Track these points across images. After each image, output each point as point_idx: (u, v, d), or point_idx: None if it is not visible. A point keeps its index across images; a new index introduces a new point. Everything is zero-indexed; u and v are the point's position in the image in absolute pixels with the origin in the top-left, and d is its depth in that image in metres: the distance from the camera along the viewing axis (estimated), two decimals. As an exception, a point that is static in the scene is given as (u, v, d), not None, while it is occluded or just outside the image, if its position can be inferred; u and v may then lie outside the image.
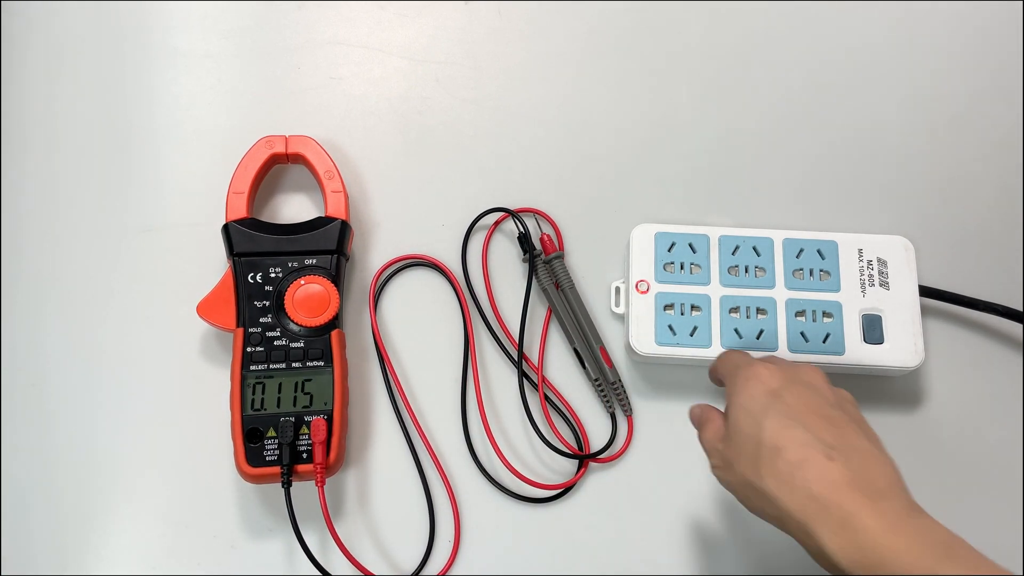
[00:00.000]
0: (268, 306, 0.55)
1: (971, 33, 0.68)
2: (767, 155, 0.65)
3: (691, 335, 0.56)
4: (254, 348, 0.54)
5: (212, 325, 0.56)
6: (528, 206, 0.62)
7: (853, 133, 0.66)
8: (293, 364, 0.54)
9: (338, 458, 0.53)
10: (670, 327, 0.57)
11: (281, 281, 0.56)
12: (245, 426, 0.53)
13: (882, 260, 0.58)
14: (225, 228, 0.57)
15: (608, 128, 0.66)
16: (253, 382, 0.54)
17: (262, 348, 0.54)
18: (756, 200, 0.63)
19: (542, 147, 0.65)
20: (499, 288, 0.61)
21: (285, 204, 0.62)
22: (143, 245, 0.61)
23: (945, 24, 0.69)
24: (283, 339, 0.55)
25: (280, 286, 0.56)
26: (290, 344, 0.55)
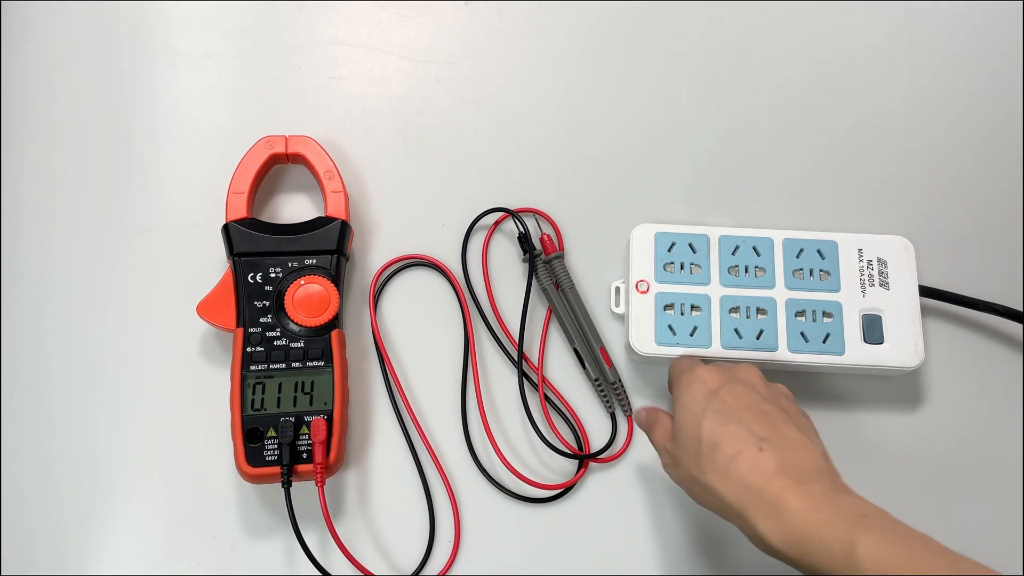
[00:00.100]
0: (268, 306, 0.55)
1: (971, 33, 0.68)
2: (767, 155, 0.65)
3: (691, 335, 0.56)
4: (254, 348, 0.54)
5: (212, 325, 0.56)
6: (528, 206, 0.62)
7: (853, 133, 0.66)
8: (293, 364, 0.54)
9: (338, 458, 0.53)
10: (670, 327, 0.57)
11: (281, 281, 0.56)
12: (245, 426, 0.53)
13: (882, 260, 0.58)
14: (225, 228, 0.57)
15: (608, 128, 0.66)
16: (253, 382, 0.54)
17: (262, 348, 0.54)
18: (756, 200, 0.63)
19: (542, 147, 0.65)
20: (499, 288, 0.61)
21: (285, 204, 0.62)
22: (143, 245, 0.61)
23: (945, 24, 0.69)
24: (283, 339, 0.55)
25: (280, 286, 0.56)
26: (290, 344, 0.55)
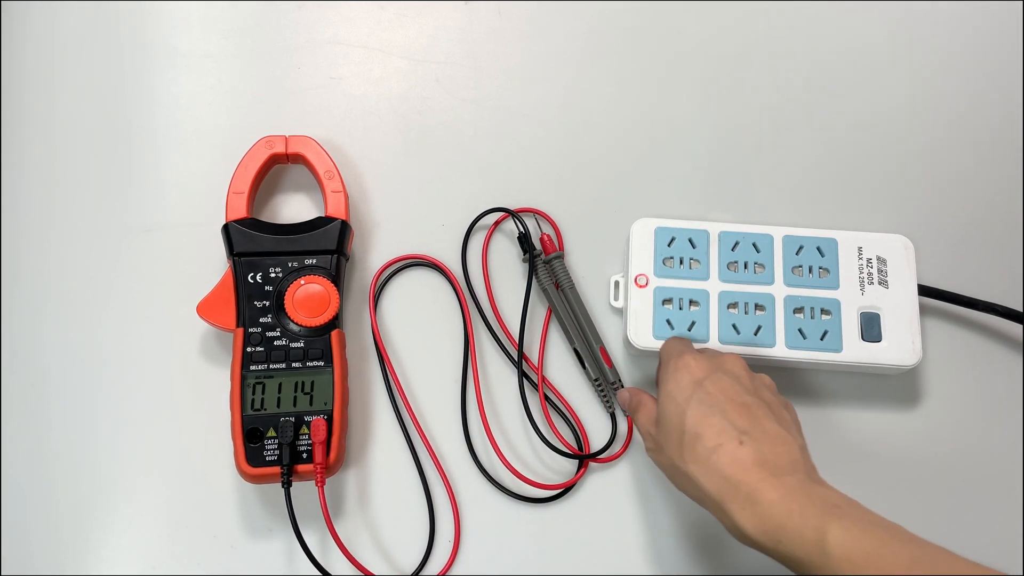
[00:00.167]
0: (268, 306, 0.55)
1: (971, 33, 0.68)
2: (767, 153, 0.65)
3: (689, 330, 0.56)
4: (254, 348, 0.54)
5: (212, 325, 0.56)
6: (528, 206, 0.62)
7: (854, 131, 0.66)
8: (293, 364, 0.54)
9: (338, 458, 0.53)
10: (668, 322, 0.57)
11: (281, 281, 0.56)
12: (245, 426, 0.53)
13: (881, 258, 0.58)
14: (225, 228, 0.57)
15: (608, 128, 0.66)
16: (253, 382, 0.54)
17: (262, 348, 0.54)
18: (757, 199, 0.64)
19: (542, 147, 0.65)
20: (499, 288, 0.61)
21: (285, 204, 0.62)
22: (143, 245, 0.61)
23: (945, 24, 0.69)
24: (283, 339, 0.55)
25: (280, 286, 0.56)
26: (290, 344, 0.55)
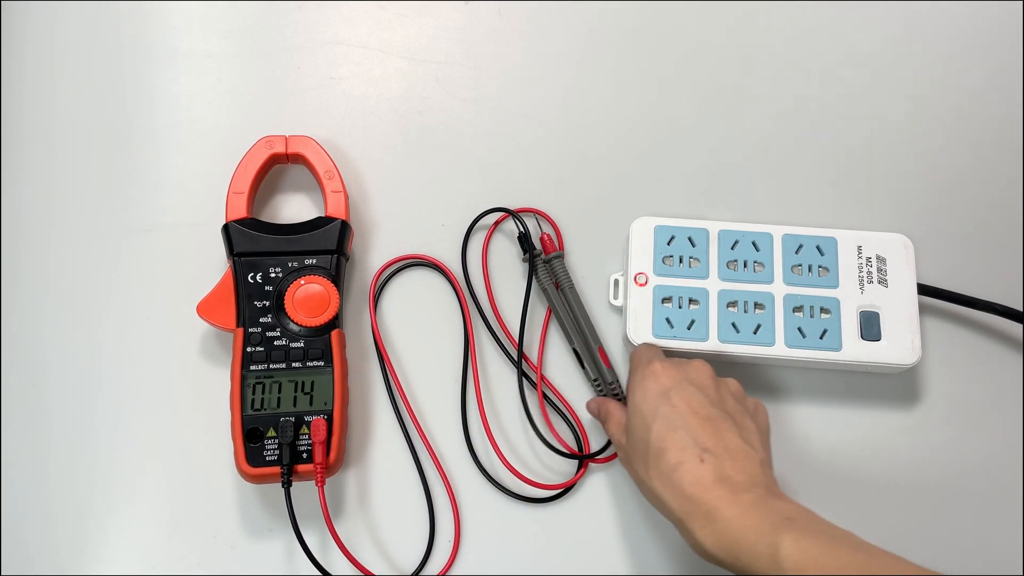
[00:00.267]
0: (268, 306, 0.55)
1: (971, 33, 0.68)
2: (767, 152, 0.65)
3: (688, 328, 0.56)
4: (254, 348, 0.54)
5: (212, 325, 0.56)
6: (528, 206, 0.62)
7: (854, 131, 0.66)
8: (293, 364, 0.54)
9: (338, 458, 0.53)
10: (667, 320, 0.57)
11: (281, 281, 0.56)
12: (245, 426, 0.53)
13: (881, 257, 0.58)
14: (225, 228, 0.57)
15: (608, 127, 0.66)
16: (253, 382, 0.54)
17: (262, 348, 0.54)
18: (756, 196, 0.64)
19: (542, 147, 0.65)
20: (499, 288, 0.61)
21: (285, 204, 0.62)
22: (143, 245, 0.61)
23: (945, 24, 0.69)
24: (283, 339, 0.55)
25: (280, 286, 0.56)
26: (290, 344, 0.55)
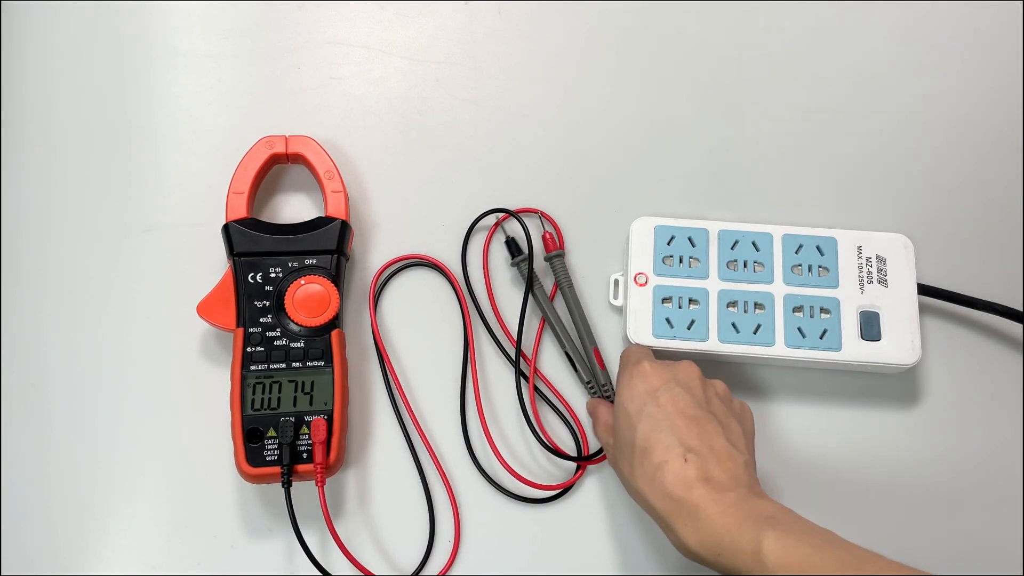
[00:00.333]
0: (268, 306, 0.55)
1: (971, 33, 0.68)
2: (767, 152, 0.65)
3: (688, 328, 0.56)
4: (254, 348, 0.54)
5: (212, 325, 0.56)
6: (528, 206, 0.62)
7: (854, 130, 0.66)
8: (293, 364, 0.54)
9: (338, 458, 0.53)
10: (667, 320, 0.57)
11: (281, 281, 0.56)
12: (245, 426, 0.53)
13: (881, 257, 0.58)
14: (225, 228, 0.57)
15: (608, 127, 0.66)
16: (253, 382, 0.54)
17: (262, 348, 0.54)
18: (756, 196, 0.63)
19: (542, 147, 0.65)
20: (499, 289, 0.61)
21: (285, 204, 0.62)
22: (143, 245, 0.61)
23: (945, 24, 0.69)
24: (283, 339, 0.55)
25: (280, 286, 0.56)
26: (290, 344, 0.55)
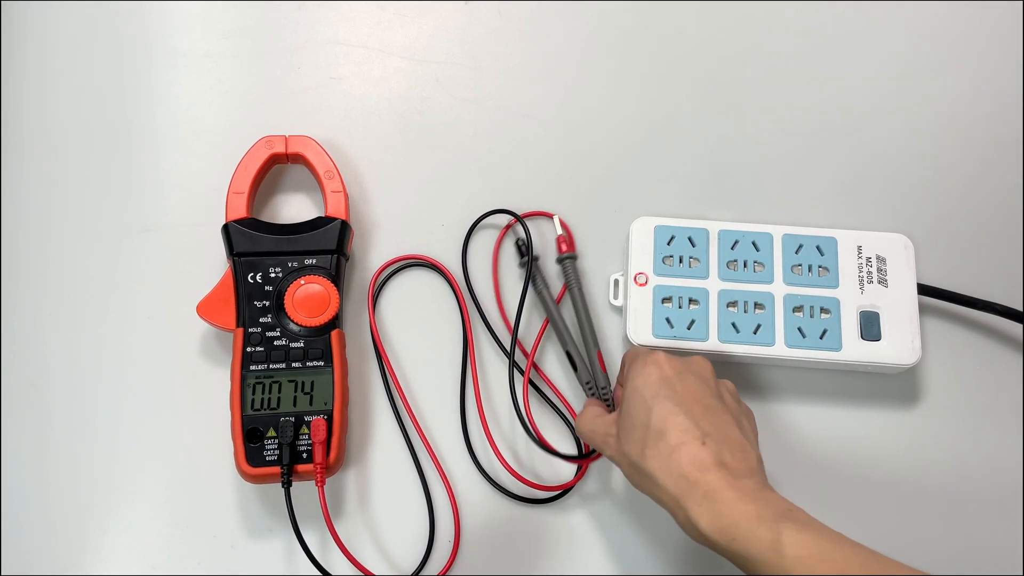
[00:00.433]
0: (268, 306, 0.55)
1: (971, 33, 0.68)
2: (767, 152, 0.65)
3: (688, 328, 0.56)
4: (254, 348, 0.54)
5: (212, 325, 0.56)
6: (529, 206, 0.62)
7: (854, 130, 0.66)
8: (293, 364, 0.54)
9: (338, 458, 0.53)
10: (667, 320, 0.57)
11: (281, 281, 0.56)
12: (245, 426, 0.53)
13: (881, 257, 0.58)
14: (225, 228, 0.57)
15: (608, 127, 0.66)
16: (253, 382, 0.54)
17: (262, 348, 0.54)
18: (756, 196, 0.64)
19: (542, 147, 0.65)
20: (506, 290, 0.61)
21: (285, 204, 0.62)
22: (143, 245, 0.61)
23: (945, 24, 0.69)
24: (283, 339, 0.55)
25: (280, 286, 0.56)
26: (290, 344, 0.55)
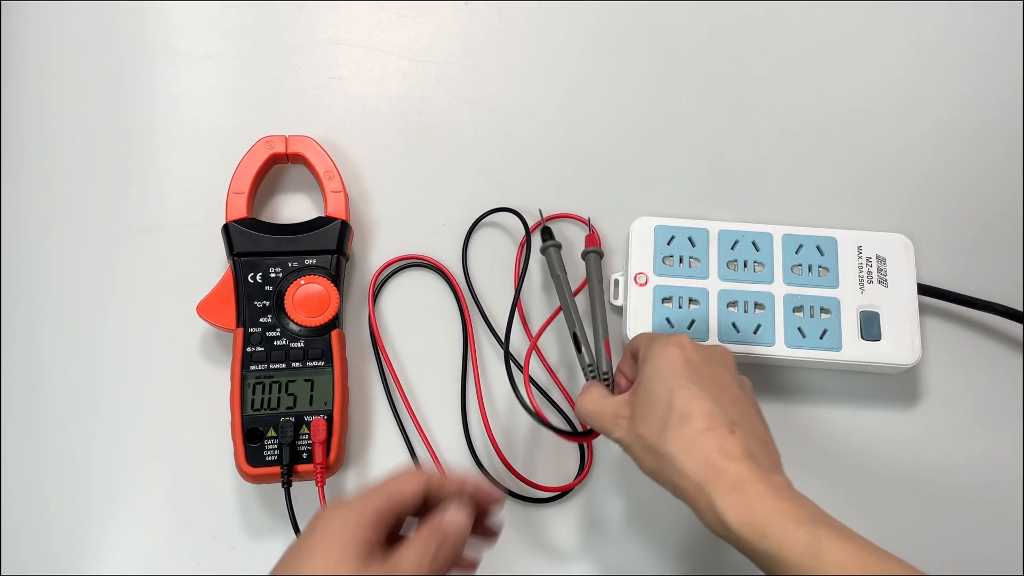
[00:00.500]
0: (268, 306, 0.55)
1: (971, 33, 0.68)
2: (767, 152, 0.65)
3: (688, 328, 0.56)
4: (254, 348, 0.54)
5: (212, 325, 0.56)
6: (528, 206, 0.62)
7: (854, 130, 0.66)
8: (293, 364, 0.54)
9: (338, 458, 0.53)
10: (668, 320, 0.57)
11: (281, 281, 0.56)
12: (245, 426, 0.53)
13: (881, 257, 0.58)
14: (225, 228, 0.57)
15: (608, 127, 0.66)
16: (253, 382, 0.54)
17: (262, 348, 0.54)
18: (756, 196, 0.64)
19: (542, 147, 0.65)
20: (498, 289, 0.61)
21: (285, 204, 0.62)
22: (143, 245, 0.61)
23: (945, 24, 0.69)
24: (283, 339, 0.55)
25: (280, 286, 0.56)
26: (290, 344, 0.55)
